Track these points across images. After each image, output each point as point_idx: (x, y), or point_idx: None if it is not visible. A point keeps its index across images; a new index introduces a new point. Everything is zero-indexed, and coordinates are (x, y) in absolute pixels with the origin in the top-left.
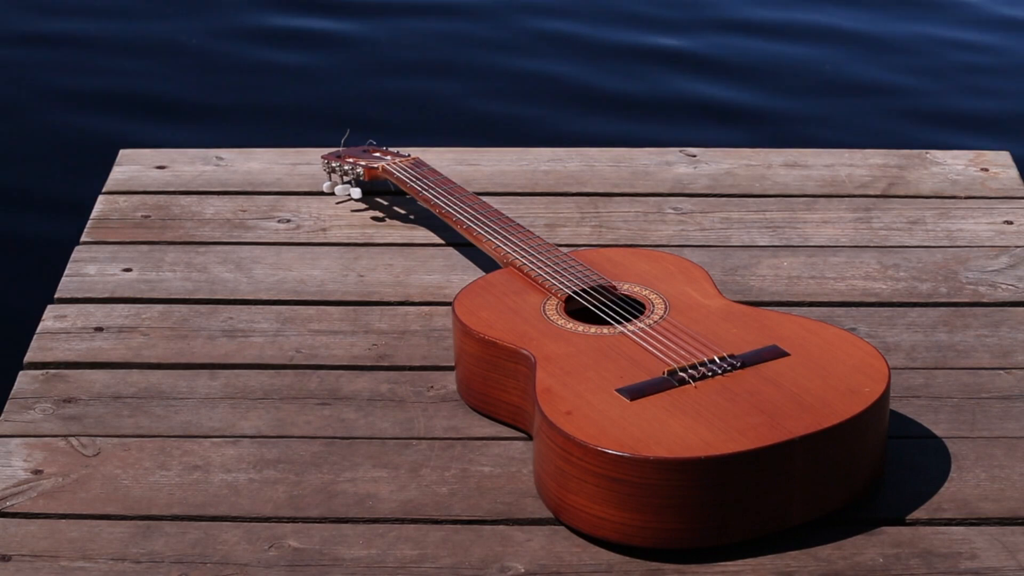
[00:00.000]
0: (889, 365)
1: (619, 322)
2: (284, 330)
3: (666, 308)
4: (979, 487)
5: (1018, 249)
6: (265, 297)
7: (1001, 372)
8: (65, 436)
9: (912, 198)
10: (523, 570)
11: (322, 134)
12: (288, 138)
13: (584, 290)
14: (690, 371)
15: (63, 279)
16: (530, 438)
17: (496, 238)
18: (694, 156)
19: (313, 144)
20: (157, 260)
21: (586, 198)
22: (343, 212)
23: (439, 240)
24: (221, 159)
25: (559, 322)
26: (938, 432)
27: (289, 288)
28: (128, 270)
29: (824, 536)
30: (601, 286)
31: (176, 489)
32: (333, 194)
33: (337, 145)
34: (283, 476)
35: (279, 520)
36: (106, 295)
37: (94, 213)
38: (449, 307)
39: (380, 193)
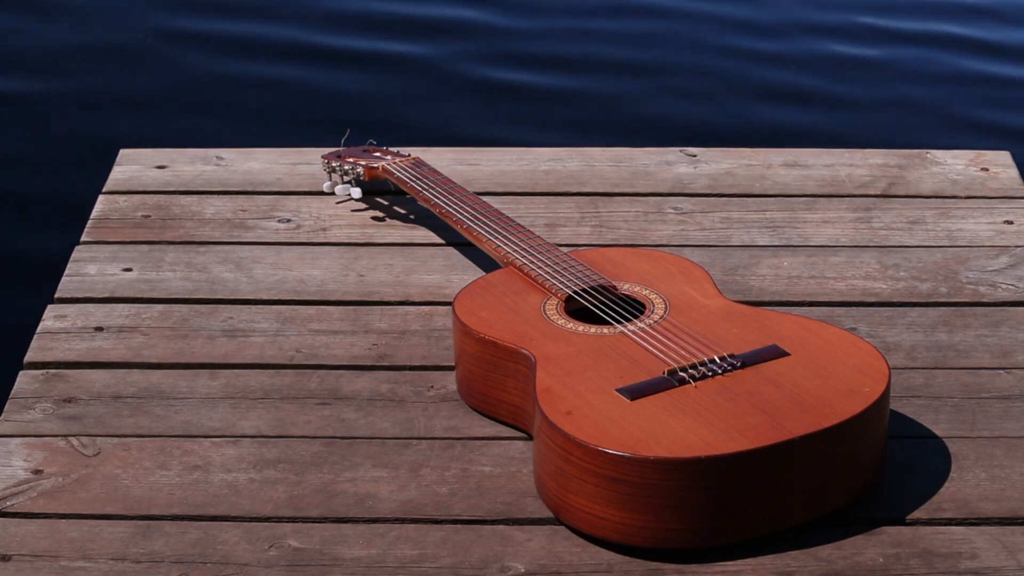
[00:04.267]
0: (889, 365)
1: (619, 322)
2: (284, 330)
3: (666, 308)
4: (979, 487)
5: (1018, 249)
6: (265, 297)
7: (1001, 372)
8: (65, 436)
9: (912, 198)
10: (523, 570)
11: (322, 134)
12: (288, 138)
13: (584, 290)
14: (690, 371)
15: (63, 279)
16: (530, 438)
17: (496, 238)
18: (694, 156)
19: (313, 144)
20: (157, 260)
21: (586, 198)
22: (343, 212)
23: (439, 240)
24: (221, 159)
25: (559, 322)
26: (938, 432)
27: (289, 288)
28: (128, 270)
29: (824, 536)
30: (601, 286)
31: (176, 489)
32: (333, 194)
33: (337, 145)
34: (283, 476)
35: (279, 520)
36: (106, 295)
37: (94, 213)
38: (449, 307)
39: (380, 193)
